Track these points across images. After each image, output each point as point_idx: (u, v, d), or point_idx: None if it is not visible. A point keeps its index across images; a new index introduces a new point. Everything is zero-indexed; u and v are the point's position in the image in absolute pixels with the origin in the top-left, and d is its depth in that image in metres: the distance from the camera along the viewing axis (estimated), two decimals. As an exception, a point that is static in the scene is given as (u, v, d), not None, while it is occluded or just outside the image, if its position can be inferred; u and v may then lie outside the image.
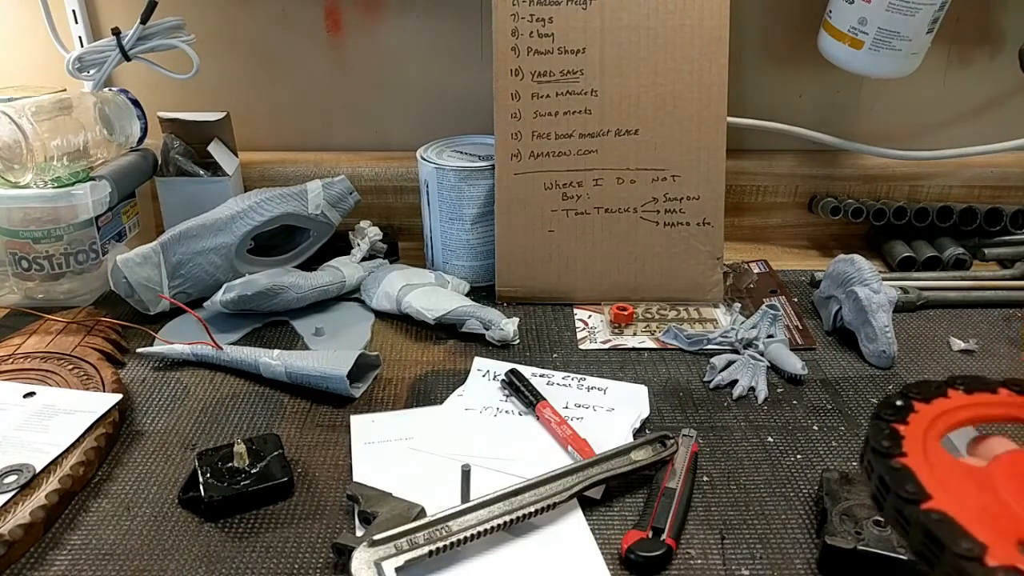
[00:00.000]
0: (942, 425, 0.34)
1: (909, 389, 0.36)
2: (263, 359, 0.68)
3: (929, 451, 0.32)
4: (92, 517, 0.53)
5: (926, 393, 0.35)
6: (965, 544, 0.27)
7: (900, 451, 0.32)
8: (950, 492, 0.29)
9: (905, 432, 0.33)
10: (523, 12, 0.76)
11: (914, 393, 0.35)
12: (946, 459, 0.32)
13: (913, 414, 0.34)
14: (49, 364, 0.67)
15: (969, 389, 0.36)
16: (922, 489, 0.29)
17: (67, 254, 0.78)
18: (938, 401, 0.35)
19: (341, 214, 0.87)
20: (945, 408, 0.35)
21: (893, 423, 0.34)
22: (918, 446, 0.32)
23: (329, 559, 0.50)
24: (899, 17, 0.79)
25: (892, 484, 0.30)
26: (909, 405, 0.35)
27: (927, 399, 0.35)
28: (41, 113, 0.74)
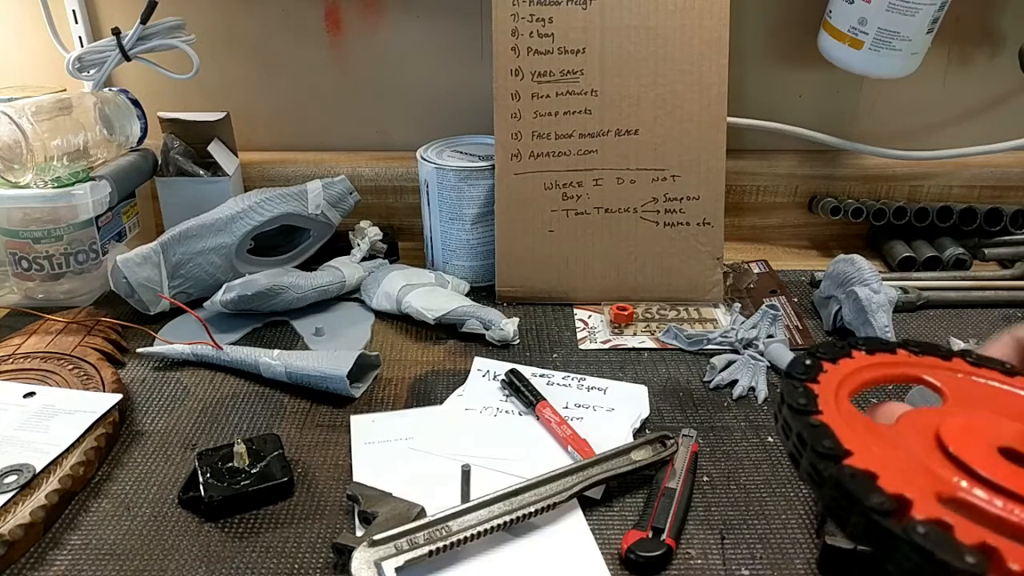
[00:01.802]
0: (850, 385, 0.34)
1: (816, 349, 0.36)
2: (263, 359, 0.68)
3: (842, 410, 0.32)
4: (92, 517, 0.53)
5: (832, 353, 0.35)
6: (876, 499, 0.26)
7: (816, 408, 0.31)
8: (868, 449, 0.29)
9: (818, 391, 0.33)
10: (523, 12, 0.76)
11: (821, 353, 0.35)
12: (860, 418, 0.32)
13: (822, 374, 0.34)
14: (49, 364, 0.67)
15: (871, 350, 0.36)
16: (840, 445, 0.29)
17: (67, 254, 0.78)
18: (844, 361, 0.35)
19: (341, 214, 0.87)
20: (851, 368, 0.35)
21: (806, 382, 0.33)
22: (831, 405, 0.32)
23: (329, 559, 0.50)
24: (899, 17, 0.79)
25: (810, 440, 0.29)
26: (818, 365, 0.34)
27: (834, 359, 0.35)
28: (41, 113, 0.74)
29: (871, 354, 0.36)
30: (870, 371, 0.35)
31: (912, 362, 0.36)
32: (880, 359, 0.35)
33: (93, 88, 0.86)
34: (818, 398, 0.32)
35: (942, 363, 0.36)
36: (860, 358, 0.35)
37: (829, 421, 0.30)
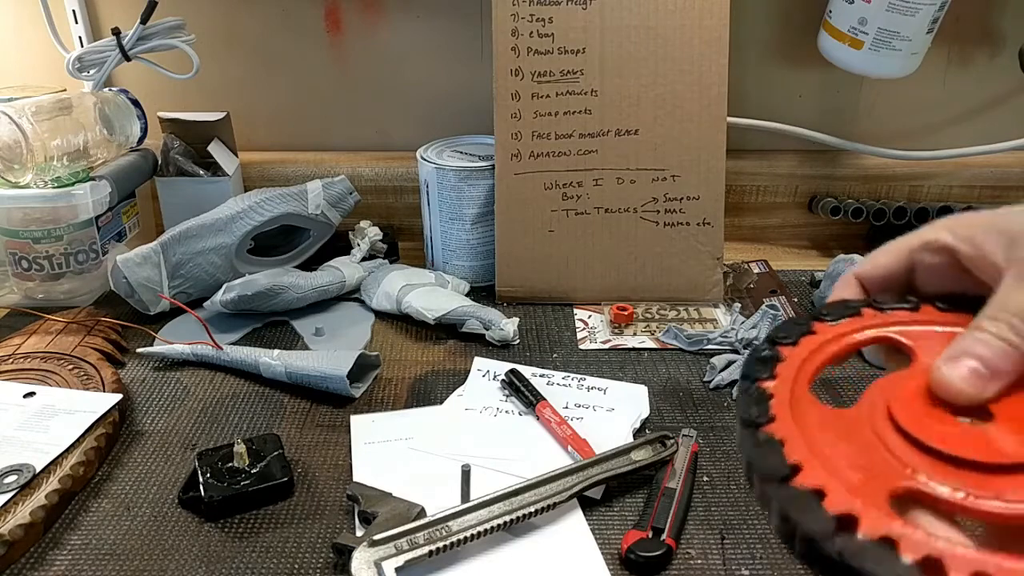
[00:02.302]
0: (811, 367, 0.31)
1: (775, 333, 0.33)
2: (263, 359, 0.68)
3: (799, 406, 0.29)
4: (92, 517, 0.53)
5: (792, 333, 0.33)
6: (816, 524, 0.25)
7: (767, 417, 0.29)
8: (819, 454, 0.27)
9: (774, 389, 0.30)
10: (523, 12, 0.76)
11: (780, 337, 0.32)
12: (816, 411, 0.29)
13: (781, 363, 0.31)
14: (49, 364, 0.67)
15: (835, 317, 0.33)
16: (785, 464, 0.27)
17: (67, 254, 0.78)
18: (805, 340, 0.32)
19: (341, 214, 0.87)
20: (813, 346, 0.32)
21: (761, 381, 0.31)
22: (785, 404, 0.29)
23: (329, 559, 0.50)
24: (899, 17, 0.79)
25: (756, 462, 0.27)
26: (776, 354, 0.32)
27: (794, 341, 0.32)
28: (41, 113, 0.74)
29: (836, 322, 0.33)
30: (834, 344, 0.32)
31: (877, 322, 0.33)
32: (844, 327, 0.33)
33: (93, 88, 0.86)
34: (772, 399, 0.29)
35: (910, 316, 0.33)
36: (823, 330, 0.33)
37: (780, 430, 0.28)
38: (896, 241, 0.34)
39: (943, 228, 0.33)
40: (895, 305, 0.33)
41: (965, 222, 0.32)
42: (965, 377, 0.29)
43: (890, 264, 0.34)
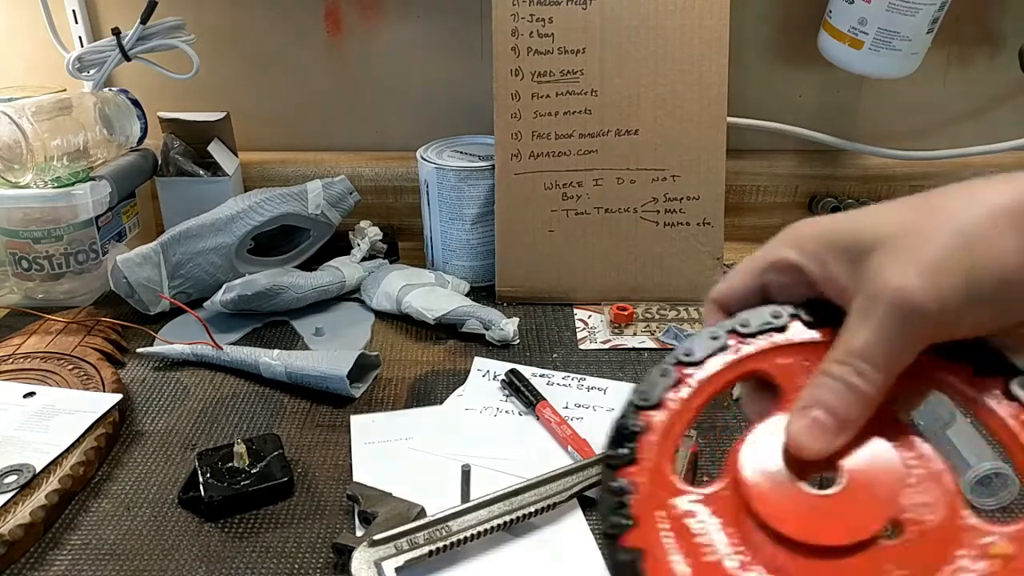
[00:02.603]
0: (677, 432, 0.29)
1: (637, 396, 0.29)
2: (263, 359, 0.68)
3: (662, 495, 0.26)
4: (92, 517, 0.53)
5: (652, 393, 0.30)
6: None
7: (628, 520, 0.26)
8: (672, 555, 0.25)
9: (636, 477, 0.27)
10: (523, 12, 0.76)
11: (642, 402, 0.29)
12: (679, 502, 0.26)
13: (644, 436, 0.28)
14: (49, 364, 0.67)
15: (699, 356, 0.30)
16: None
17: (67, 254, 0.78)
18: (669, 395, 0.29)
19: (341, 214, 0.87)
20: (676, 406, 0.29)
21: (620, 469, 0.27)
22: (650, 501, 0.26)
23: (329, 559, 0.50)
24: (899, 17, 0.79)
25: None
26: (637, 427, 0.28)
27: (656, 402, 0.29)
28: (41, 113, 0.74)
29: (699, 365, 0.30)
30: (698, 396, 0.30)
31: (742, 356, 0.30)
32: (709, 369, 0.30)
33: (93, 88, 0.86)
34: (633, 495, 0.26)
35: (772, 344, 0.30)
36: (686, 378, 0.30)
37: (642, 538, 0.25)
38: (748, 259, 0.31)
39: (790, 244, 0.30)
40: (759, 330, 0.30)
41: (811, 234, 0.29)
42: (809, 431, 0.26)
43: (744, 285, 0.32)
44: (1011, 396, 0.26)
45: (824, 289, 0.29)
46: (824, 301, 0.29)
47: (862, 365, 0.26)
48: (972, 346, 0.27)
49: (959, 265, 0.25)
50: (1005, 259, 0.25)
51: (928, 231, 0.26)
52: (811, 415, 0.27)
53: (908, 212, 0.27)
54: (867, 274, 0.26)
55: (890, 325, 0.26)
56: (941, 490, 0.26)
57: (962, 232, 0.25)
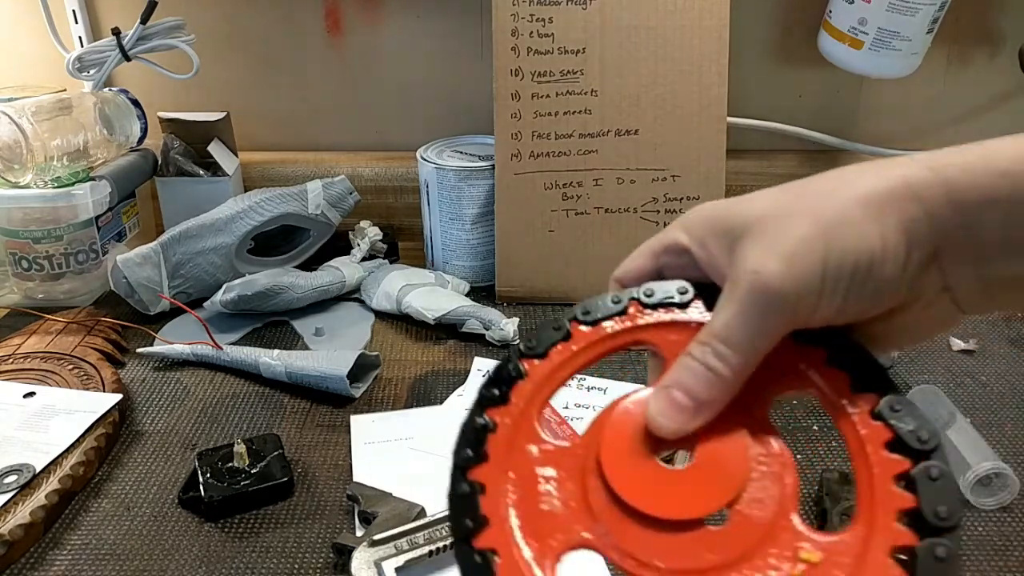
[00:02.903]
0: (558, 380, 0.29)
1: (525, 344, 0.30)
2: (263, 359, 0.68)
3: (520, 440, 0.27)
4: (92, 517, 0.53)
5: (543, 344, 0.30)
6: None
7: (479, 522, 0.26)
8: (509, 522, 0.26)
9: (502, 419, 0.28)
10: (523, 12, 0.76)
11: (529, 349, 0.30)
12: (532, 462, 0.27)
13: (521, 382, 0.29)
14: (49, 364, 0.67)
15: (594, 321, 0.30)
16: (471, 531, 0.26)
17: (67, 254, 0.78)
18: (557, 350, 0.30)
19: (341, 214, 0.87)
20: (560, 360, 0.30)
21: (490, 407, 0.28)
22: (507, 443, 0.27)
23: (329, 559, 0.50)
24: (899, 17, 0.78)
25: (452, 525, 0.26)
26: (515, 373, 0.29)
27: (542, 352, 0.30)
28: (41, 113, 0.74)
29: (594, 325, 0.30)
30: (584, 354, 0.30)
31: (634, 327, 0.30)
32: (599, 332, 0.30)
33: (93, 88, 0.86)
34: (483, 495, 0.27)
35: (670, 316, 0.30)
36: (579, 336, 0.30)
37: (494, 538, 0.26)
38: (647, 242, 0.32)
39: (682, 227, 0.30)
40: (660, 302, 0.30)
41: (699, 218, 0.29)
42: (665, 411, 0.27)
43: (642, 267, 0.32)
44: (876, 415, 0.27)
45: (708, 272, 0.29)
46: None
47: (721, 347, 0.27)
48: (852, 350, 0.28)
49: (816, 250, 0.25)
50: (862, 245, 0.25)
51: (792, 216, 0.26)
52: (670, 395, 0.27)
53: (780, 197, 0.27)
54: (735, 259, 0.27)
55: (748, 308, 0.26)
56: (778, 490, 0.26)
57: (821, 218, 0.26)
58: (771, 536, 0.25)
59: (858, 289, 0.26)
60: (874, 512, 0.25)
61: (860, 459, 0.26)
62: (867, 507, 0.25)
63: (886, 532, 0.25)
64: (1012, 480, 0.54)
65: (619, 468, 0.27)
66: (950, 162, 0.25)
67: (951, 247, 0.26)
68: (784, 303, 0.26)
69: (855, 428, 0.27)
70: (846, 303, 0.26)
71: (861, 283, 0.26)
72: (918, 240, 0.25)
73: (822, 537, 0.25)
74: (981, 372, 0.70)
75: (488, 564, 0.25)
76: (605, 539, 0.26)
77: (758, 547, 0.25)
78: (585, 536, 0.26)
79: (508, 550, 0.26)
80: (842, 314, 0.26)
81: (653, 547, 0.25)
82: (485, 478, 0.27)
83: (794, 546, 0.25)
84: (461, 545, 0.26)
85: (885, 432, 0.26)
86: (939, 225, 0.25)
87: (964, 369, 0.70)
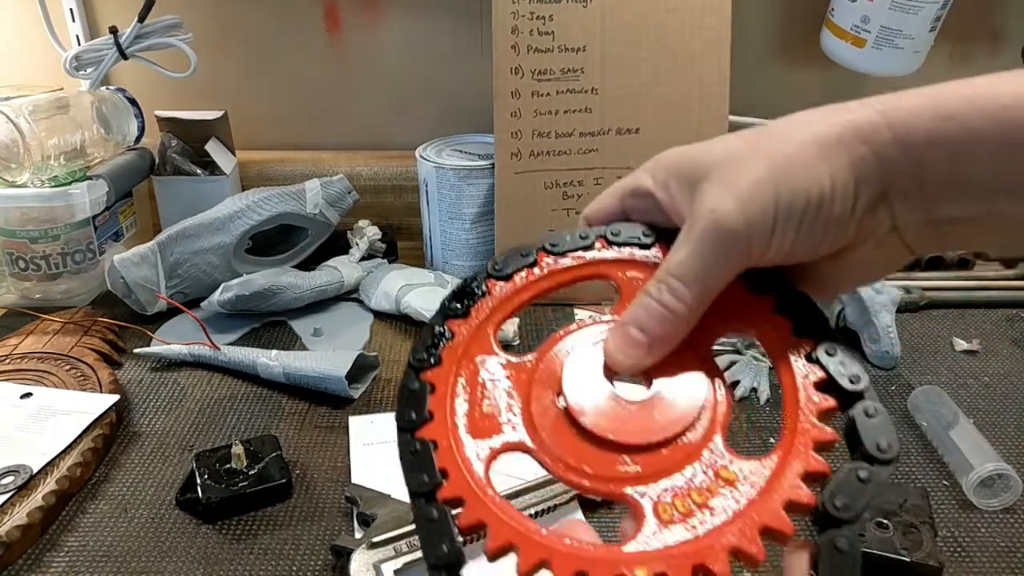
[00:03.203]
0: (519, 302, 0.31)
1: (493, 264, 0.32)
2: (261, 360, 0.67)
3: (473, 351, 0.29)
4: (89, 519, 0.53)
5: (508, 265, 0.32)
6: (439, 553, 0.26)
7: (424, 415, 0.28)
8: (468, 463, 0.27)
9: (459, 329, 0.30)
10: (523, 10, 0.75)
11: (496, 269, 0.32)
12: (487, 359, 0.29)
13: (483, 299, 0.31)
14: (46, 364, 0.67)
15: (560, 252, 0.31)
16: (430, 479, 0.27)
17: (64, 254, 0.78)
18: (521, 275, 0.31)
19: (340, 213, 0.87)
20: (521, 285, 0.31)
21: (450, 318, 0.30)
22: (462, 350, 0.29)
23: (328, 561, 0.49)
24: (902, 15, 0.78)
25: (405, 476, 0.27)
26: (478, 291, 0.31)
27: (507, 275, 0.31)
28: (38, 112, 0.74)
29: (559, 256, 0.32)
30: (546, 281, 0.31)
31: (597, 261, 0.32)
32: (564, 263, 0.32)
33: (90, 87, 0.86)
34: (432, 392, 0.28)
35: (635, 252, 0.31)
36: (545, 265, 0.32)
37: (436, 430, 0.28)
38: (615, 184, 0.33)
39: (648, 171, 0.31)
40: (626, 241, 0.32)
41: (664, 163, 0.30)
42: (622, 348, 0.28)
43: (607, 208, 0.33)
44: (811, 359, 0.28)
45: (671, 215, 0.30)
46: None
47: (675, 283, 0.28)
48: (798, 299, 0.29)
49: (769, 191, 0.26)
50: (812, 185, 0.26)
51: (747, 161, 0.27)
52: (627, 332, 0.28)
53: (738, 142, 0.28)
54: (694, 201, 0.28)
55: (703, 245, 0.27)
56: (711, 417, 0.28)
57: (774, 159, 0.27)
58: (696, 454, 0.27)
59: (808, 227, 0.27)
60: (794, 442, 0.27)
61: (790, 395, 0.28)
62: (789, 438, 0.27)
63: (802, 459, 0.27)
64: (1015, 481, 0.53)
65: (578, 394, 0.28)
66: (898, 105, 0.26)
67: (899, 187, 0.26)
68: (738, 241, 0.27)
69: (791, 368, 0.28)
70: (797, 241, 0.27)
71: (811, 221, 0.27)
72: (866, 180, 0.26)
73: (742, 460, 0.27)
74: (984, 373, 0.70)
75: (427, 452, 0.27)
76: (540, 445, 0.28)
77: (683, 463, 0.27)
78: (522, 440, 0.28)
79: (448, 443, 0.27)
80: (793, 253, 0.27)
81: (585, 456, 0.27)
82: (436, 379, 0.29)
83: (715, 465, 0.27)
84: (403, 434, 0.27)
85: (819, 374, 0.28)
86: (887, 166, 0.26)
87: (967, 370, 0.70)
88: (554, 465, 0.27)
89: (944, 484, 0.56)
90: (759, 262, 0.28)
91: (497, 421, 0.28)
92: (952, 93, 0.26)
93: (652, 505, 0.26)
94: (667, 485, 0.27)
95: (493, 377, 0.29)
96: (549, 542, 0.26)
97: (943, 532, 0.52)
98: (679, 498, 0.26)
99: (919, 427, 0.62)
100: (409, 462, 0.27)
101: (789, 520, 0.26)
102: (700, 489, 0.26)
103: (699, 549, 0.25)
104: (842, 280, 0.30)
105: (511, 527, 0.27)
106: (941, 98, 0.26)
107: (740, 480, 0.27)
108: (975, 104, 0.25)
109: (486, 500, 0.27)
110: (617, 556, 0.25)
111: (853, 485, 0.26)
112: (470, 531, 0.26)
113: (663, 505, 0.26)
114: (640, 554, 0.25)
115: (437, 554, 0.26)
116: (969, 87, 0.25)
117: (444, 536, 0.26)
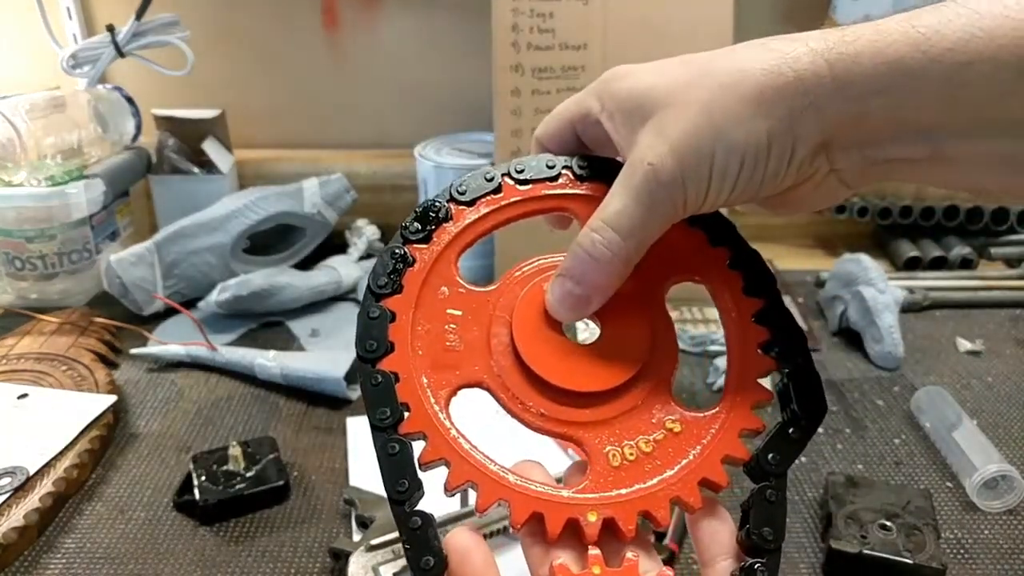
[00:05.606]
0: (481, 229, 0.31)
1: (457, 186, 0.31)
2: (258, 360, 0.67)
3: (433, 280, 0.30)
4: (86, 520, 0.52)
5: (472, 190, 0.31)
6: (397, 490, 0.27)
7: (385, 346, 0.28)
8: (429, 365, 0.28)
9: (398, 306, 0.29)
10: (523, 7, 0.75)
11: (458, 193, 0.31)
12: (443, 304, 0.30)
13: (445, 224, 0.31)
14: (43, 365, 0.67)
15: (523, 181, 0.31)
16: (391, 413, 0.27)
17: (60, 254, 0.78)
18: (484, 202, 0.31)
19: (338, 212, 0.86)
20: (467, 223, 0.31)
21: (411, 242, 0.30)
22: (424, 277, 0.30)
23: (326, 564, 0.49)
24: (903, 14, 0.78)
25: (368, 407, 0.27)
26: (441, 214, 0.31)
27: (471, 201, 0.31)
28: (35, 111, 0.73)
29: (525, 185, 0.31)
30: (510, 210, 0.31)
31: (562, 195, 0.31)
32: (529, 193, 0.31)
33: (87, 85, 0.85)
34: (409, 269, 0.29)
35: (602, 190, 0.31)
36: (510, 193, 0.32)
37: (398, 361, 0.28)
38: (565, 104, 0.32)
39: (595, 96, 0.30)
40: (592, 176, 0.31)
41: (612, 91, 0.29)
42: (561, 299, 0.29)
43: (554, 130, 0.32)
44: (758, 317, 0.30)
45: (616, 145, 0.30)
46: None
47: (610, 234, 0.28)
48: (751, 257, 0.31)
49: (706, 146, 0.27)
50: (750, 140, 0.26)
51: (687, 107, 0.27)
52: (564, 286, 0.29)
53: (685, 74, 0.28)
54: (634, 144, 0.28)
55: (638, 196, 0.27)
56: (660, 368, 0.30)
57: (714, 114, 0.27)
58: (645, 405, 0.29)
59: (745, 181, 0.27)
60: (736, 399, 0.29)
61: (734, 354, 0.30)
62: (732, 394, 0.29)
63: (741, 417, 0.29)
64: (1019, 483, 0.53)
65: (529, 341, 0.29)
66: (843, 51, 0.25)
67: (839, 136, 0.26)
68: (673, 195, 0.27)
69: (737, 326, 0.30)
70: (733, 193, 0.28)
71: (748, 176, 0.27)
72: (805, 134, 0.26)
73: (688, 413, 0.29)
74: (988, 373, 0.69)
75: (389, 384, 0.27)
76: (498, 381, 0.29)
77: (632, 412, 0.29)
78: (481, 376, 0.29)
79: (409, 375, 0.28)
80: (731, 201, 0.28)
81: (539, 398, 0.29)
82: (397, 307, 0.29)
83: (662, 417, 0.29)
84: (364, 366, 0.28)
85: (762, 334, 0.29)
86: (827, 117, 0.26)
87: (970, 370, 0.70)
88: (511, 403, 0.29)
89: (947, 486, 0.56)
90: (696, 212, 0.28)
91: (458, 356, 0.29)
92: (897, 34, 0.25)
93: (602, 451, 0.28)
94: (617, 432, 0.28)
95: (454, 309, 0.30)
96: (508, 483, 0.28)
97: (946, 534, 0.51)
98: (628, 446, 0.28)
99: (922, 428, 0.61)
100: (371, 394, 0.27)
101: (725, 474, 0.28)
102: (647, 439, 0.28)
103: (644, 496, 0.27)
104: (783, 210, 0.31)
105: (471, 465, 0.28)
106: (885, 40, 0.25)
107: (684, 432, 0.28)
108: (920, 47, 0.24)
109: (447, 436, 0.28)
110: (570, 500, 0.27)
111: (784, 442, 0.28)
112: (431, 466, 0.27)
113: (613, 451, 0.28)
114: (591, 499, 0.27)
115: (398, 488, 0.27)
116: (913, 27, 0.24)
117: (406, 470, 0.27)
